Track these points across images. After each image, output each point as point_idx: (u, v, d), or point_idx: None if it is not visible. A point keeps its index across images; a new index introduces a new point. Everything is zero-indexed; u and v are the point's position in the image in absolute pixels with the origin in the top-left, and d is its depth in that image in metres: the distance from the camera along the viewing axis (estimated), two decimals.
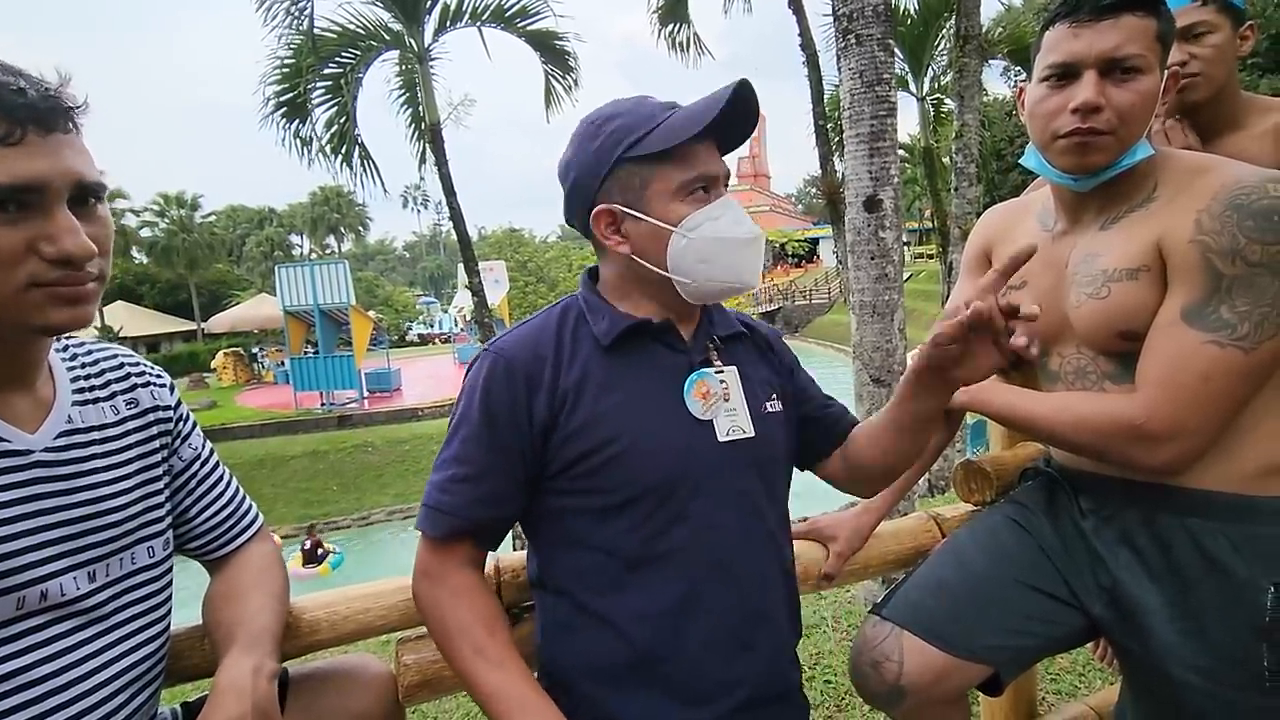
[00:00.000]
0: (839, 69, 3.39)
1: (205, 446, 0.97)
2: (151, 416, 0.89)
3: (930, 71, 11.91)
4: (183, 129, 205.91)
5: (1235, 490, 0.96)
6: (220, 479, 0.98)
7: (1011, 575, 1.13)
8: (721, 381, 0.95)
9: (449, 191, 8.91)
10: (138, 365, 0.92)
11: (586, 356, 0.91)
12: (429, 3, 8.78)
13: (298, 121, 8.72)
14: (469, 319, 20.75)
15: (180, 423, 0.94)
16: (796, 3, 8.06)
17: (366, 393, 18.10)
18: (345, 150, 8.95)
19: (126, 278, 34.66)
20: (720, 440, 0.92)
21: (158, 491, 0.87)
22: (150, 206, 35.43)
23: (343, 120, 8.86)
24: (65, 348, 0.86)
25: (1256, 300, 0.89)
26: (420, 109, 9.37)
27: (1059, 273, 1.10)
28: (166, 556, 0.88)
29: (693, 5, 9.75)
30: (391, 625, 1.04)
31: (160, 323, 32.41)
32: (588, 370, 0.90)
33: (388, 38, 8.88)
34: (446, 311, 33.41)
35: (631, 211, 0.91)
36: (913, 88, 12.03)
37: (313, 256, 47.38)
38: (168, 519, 0.89)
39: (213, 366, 24.49)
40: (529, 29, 9.27)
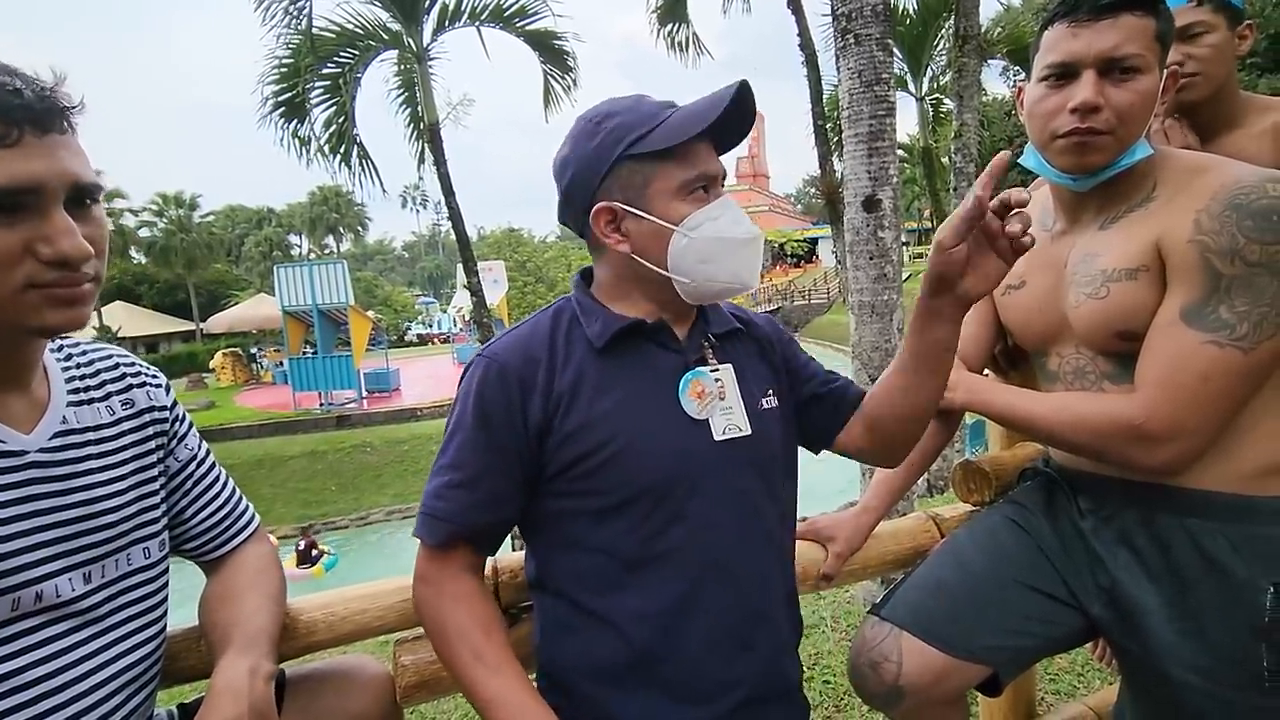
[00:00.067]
0: (838, 69, 3.39)
1: (201, 447, 0.97)
2: (147, 417, 0.89)
3: (929, 71, 11.94)
4: (181, 129, 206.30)
5: (1234, 490, 0.96)
6: (216, 480, 0.97)
7: (1010, 575, 1.13)
8: (717, 380, 0.95)
9: (448, 191, 8.92)
10: (133, 366, 0.92)
11: (580, 359, 0.91)
12: (427, 2, 8.79)
13: (296, 121, 8.73)
14: (468, 319, 20.74)
15: (176, 423, 0.93)
16: (795, 3, 8.07)
17: (365, 393, 18.09)
18: (344, 150, 8.95)
19: (125, 278, 34.59)
20: (716, 439, 0.92)
21: (153, 492, 0.87)
22: (149, 206, 35.39)
23: (341, 120, 8.86)
24: (60, 348, 0.86)
25: (1255, 300, 0.89)
26: (419, 109, 9.38)
27: (1058, 273, 1.10)
28: (162, 558, 0.87)
29: (692, 5, 9.77)
30: (389, 626, 1.04)
31: (159, 323, 32.37)
32: (582, 373, 0.90)
33: (386, 37, 8.89)
34: (445, 311, 33.41)
35: (632, 209, 0.90)
36: (912, 88, 12.05)
37: (311, 256, 47.34)
38: (163, 520, 0.89)
39: (211, 367, 24.46)
40: (528, 29, 9.28)
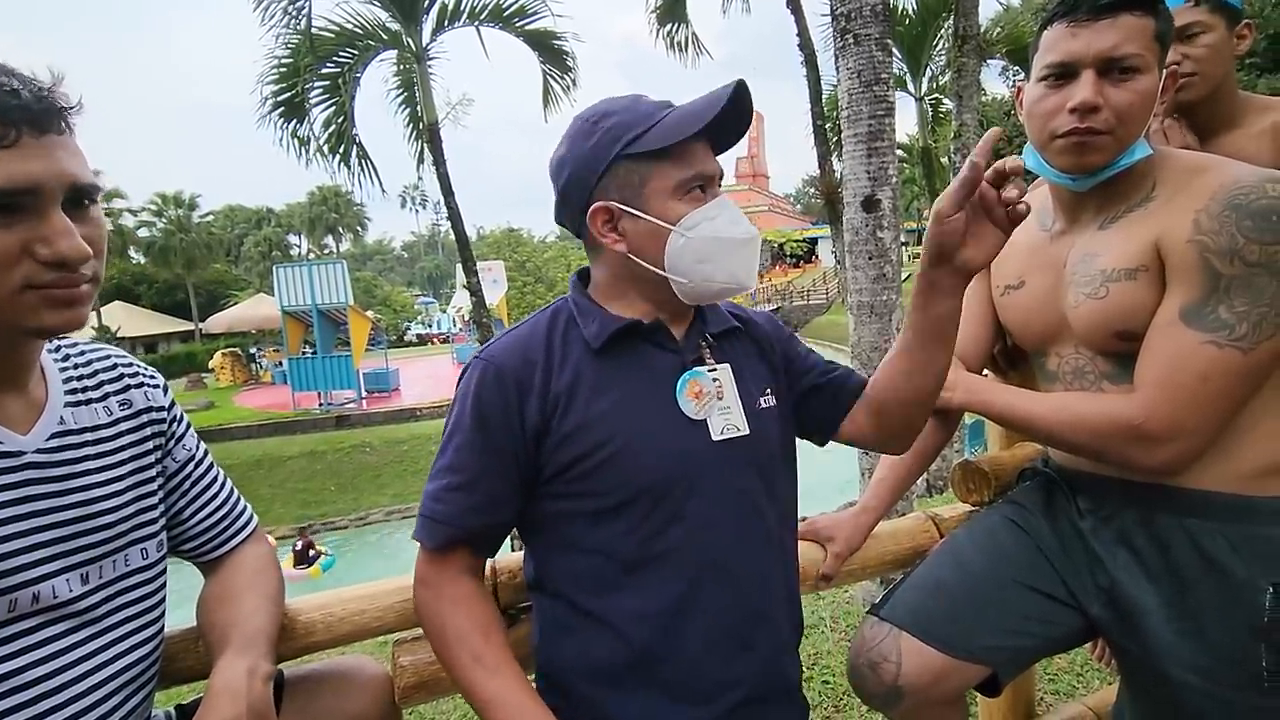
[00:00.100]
0: (837, 69, 3.39)
1: (199, 448, 0.97)
2: (145, 418, 0.89)
3: (928, 71, 11.94)
4: (180, 129, 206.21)
5: (1234, 490, 0.96)
6: (214, 480, 0.97)
7: (1009, 575, 1.13)
8: (714, 380, 0.95)
9: (447, 191, 8.92)
10: (131, 366, 0.91)
11: (577, 360, 0.91)
12: (427, 2, 8.79)
13: (295, 121, 8.73)
14: (467, 319, 20.74)
15: (174, 424, 0.93)
16: (795, 2, 8.07)
17: (364, 393, 18.08)
18: (343, 150, 8.95)
19: (124, 278, 34.55)
20: (714, 439, 0.92)
21: (151, 493, 0.87)
22: (148, 206, 35.28)
23: (341, 120, 8.86)
24: (58, 348, 0.86)
25: (1255, 300, 0.89)
26: (418, 109, 9.38)
27: (1057, 273, 1.10)
28: (160, 558, 0.87)
29: (691, 5, 9.77)
30: (388, 626, 1.04)
31: (158, 323, 32.35)
32: (579, 374, 0.90)
33: (385, 37, 8.89)
34: (445, 311, 33.39)
35: (629, 209, 0.90)
36: (911, 88, 12.05)
37: (311, 256, 47.29)
38: (161, 520, 0.88)
39: (210, 367, 24.45)
40: (527, 29, 9.28)
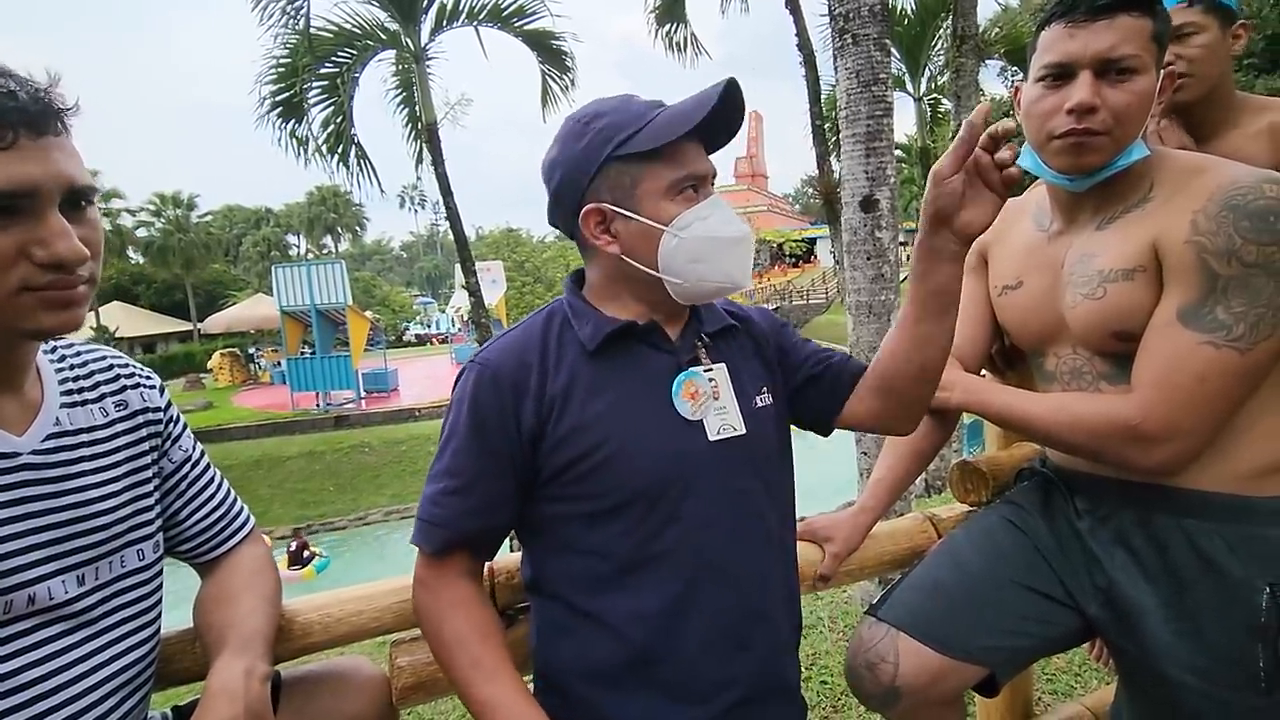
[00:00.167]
0: (835, 69, 3.39)
1: (196, 448, 0.97)
2: (141, 419, 0.88)
3: (927, 71, 11.93)
4: (179, 129, 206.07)
5: (1231, 491, 0.96)
6: (211, 481, 0.97)
7: (1007, 576, 1.13)
8: (710, 380, 0.94)
9: (446, 191, 8.92)
10: (127, 367, 0.91)
11: (573, 362, 0.91)
12: (425, 2, 8.78)
13: (294, 121, 8.74)
14: (466, 319, 20.73)
15: (170, 424, 0.93)
16: (793, 3, 8.07)
17: (363, 393, 18.07)
18: (342, 150, 8.95)
19: (122, 278, 34.47)
20: (711, 440, 0.91)
21: (147, 494, 0.87)
22: (146, 206, 35.18)
23: (339, 120, 8.86)
24: (54, 349, 0.85)
25: (1252, 301, 0.89)
26: (417, 109, 9.39)
27: (1055, 273, 1.10)
28: (156, 559, 0.87)
29: (690, 5, 9.78)
30: (385, 627, 1.04)
31: (156, 323, 32.30)
32: (574, 376, 0.90)
33: (384, 37, 8.89)
34: (444, 312, 33.37)
35: (621, 210, 0.90)
36: (909, 88, 12.05)
37: (309, 256, 47.23)
38: (157, 521, 0.88)
39: (209, 367, 24.42)
40: (526, 29, 9.29)
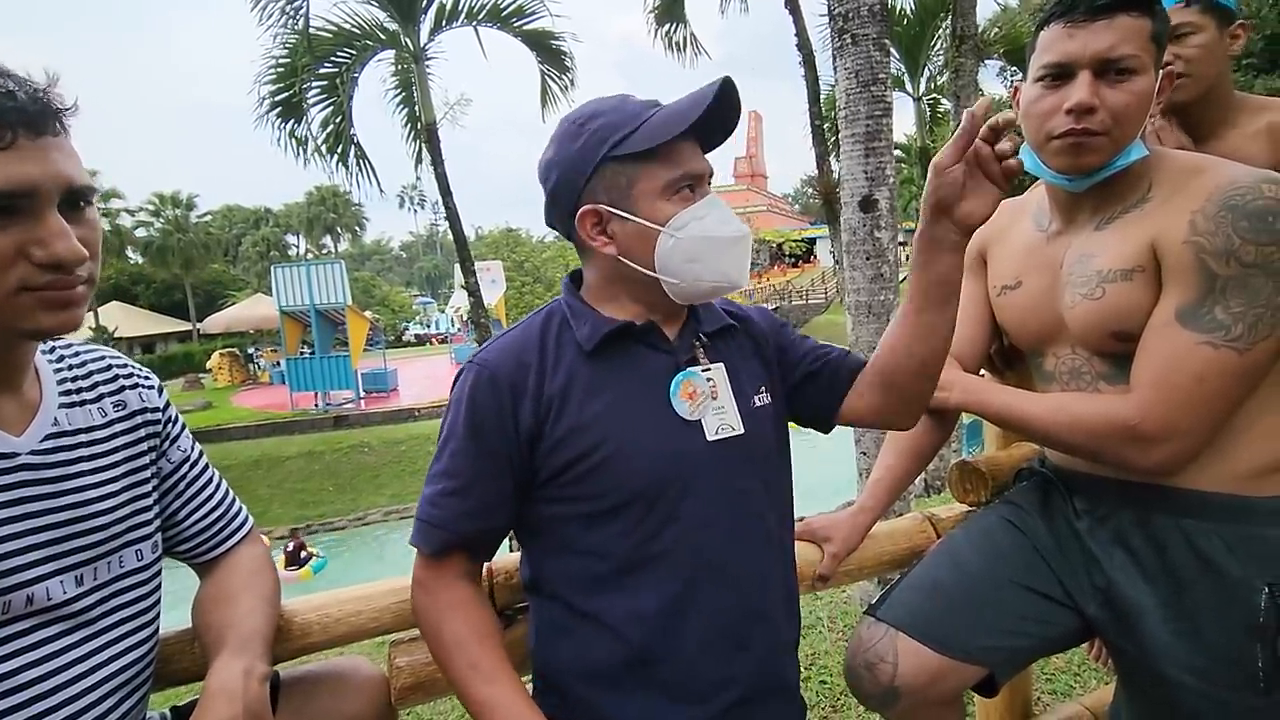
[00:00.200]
0: (835, 69, 3.39)
1: (194, 449, 0.96)
2: (139, 419, 0.88)
3: (926, 71, 11.94)
4: (179, 129, 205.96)
5: (1230, 491, 0.96)
6: (209, 481, 0.97)
7: (1006, 576, 1.13)
8: (708, 380, 0.94)
9: (445, 191, 8.91)
10: (125, 367, 0.91)
11: (570, 362, 0.90)
12: (425, 2, 8.78)
13: (293, 121, 8.73)
14: (466, 319, 20.73)
15: (168, 425, 0.93)
16: (793, 2, 8.08)
17: (363, 393, 18.06)
18: (341, 150, 8.94)
19: (121, 278, 34.44)
20: (709, 440, 0.91)
21: (146, 494, 0.87)
22: (145, 206, 35.16)
23: (338, 120, 8.85)
24: (52, 349, 0.85)
25: (1251, 301, 0.89)
26: (416, 109, 9.38)
27: (1054, 273, 1.10)
28: (155, 560, 0.87)
29: (689, 5, 9.79)
30: (384, 627, 1.04)
31: (155, 323, 32.28)
32: (572, 376, 0.89)
33: (383, 37, 8.88)
34: (443, 312, 33.35)
35: (618, 211, 0.89)
36: (909, 88, 12.06)
37: (309, 256, 47.20)
38: (156, 522, 0.88)
39: (208, 367, 24.41)
40: (525, 29, 9.28)
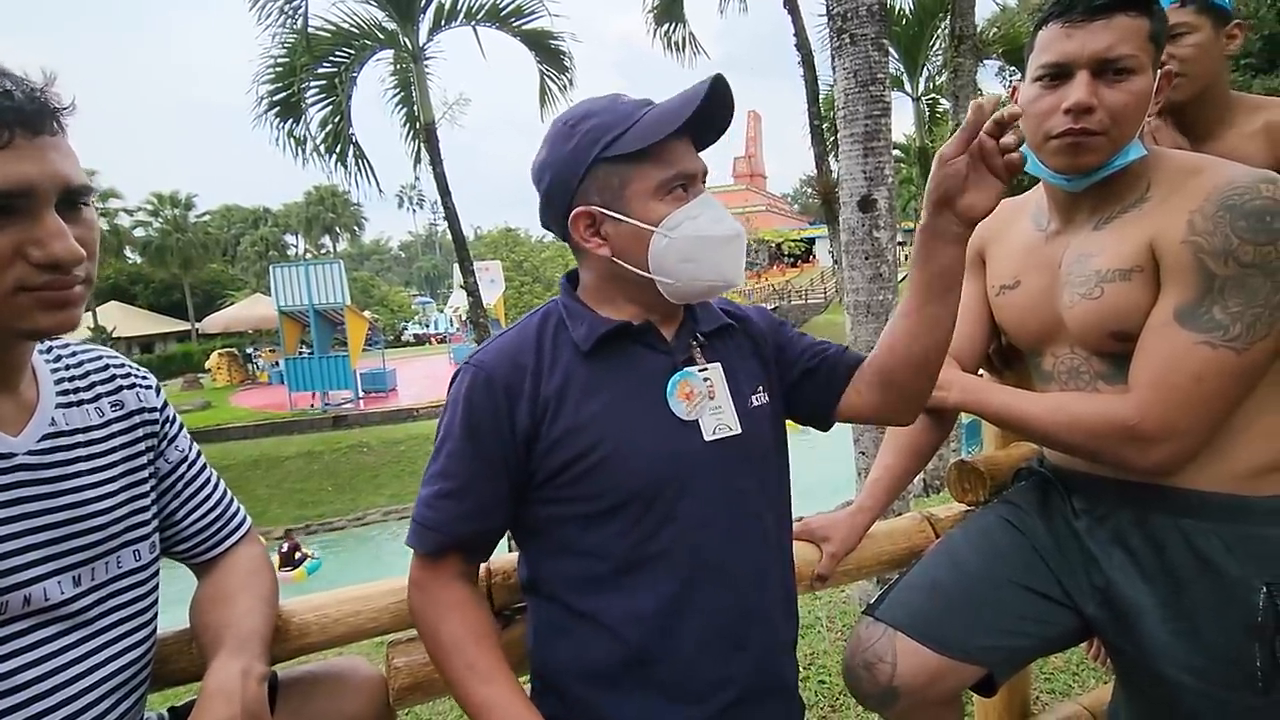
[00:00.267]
0: (833, 69, 3.39)
1: (192, 449, 0.96)
2: (137, 419, 0.88)
3: (925, 71, 11.96)
4: (178, 128, 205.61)
5: (1229, 490, 0.97)
6: (207, 481, 0.97)
7: (1005, 575, 1.13)
8: (705, 380, 0.94)
9: (444, 191, 8.91)
10: (123, 367, 0.91)
11: (567, 363, 0.90)
12: (423, 2, 8.77)
13: (292, 121, 8.72)
14: (465, 319, 20.73)
15: (166, 425, 0.93)
16: (791, 2, 8.08)
17: (362, 393, 18.06)
18: (340, 150, 8.94)
19: (120, 278, 34.42)
20: (707, 440, 0.91)
21: (143, 495, 0.87)
22: (144, 206, 35.14)
23: (337, 120, 8.84)
24: (49, 349, 0.85)
25: (1249, 301, 0.89)
26: (415, 108, 9.37)
27: (1052, 273, 1.10)
28: (153, 560, 0.87)
29: (688, 5, 9.79)
30: (382, 628, 1.04)
31: (154, 323, 32.26)
32: (569, 377, 0.89)
33: (382, 37, 8.87)
34: (442, 311, 33.37)
35: (610, 212, 0.89)
36: (908, 87, 12.07)
37: (308, 256, 47.16)
38: (154, 522, 0.88)
39: (207, 367, 24.40)
40: (524, 28, 9.28)
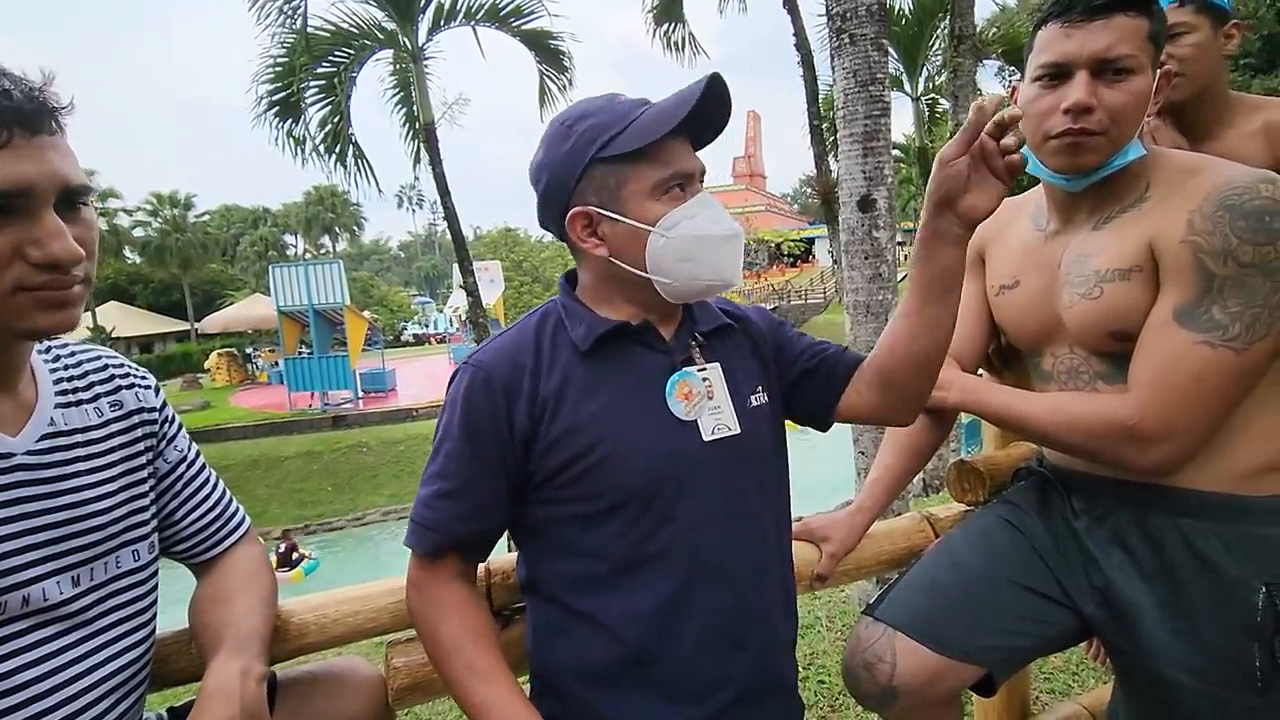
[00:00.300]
0: (833, 69, 3.39)
1: (191, 449, 0.96)
2: (136, 419, 0.88)
3: (925, 71, 11.98)
4: (178, 128, 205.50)
5: (1228, 490, 0.97)
6: (206, 481, 0.96)
7: (1004, 575, 1.13)
8: (704, 380, 0.94)
9: (443, 191, 8.91)
10: (122, 367, 0.91)
11: (566, 363, 0.90)
12: (423, 2, 8.77)
13: (291, 121, 8.72)
14: (464, 319, 20.74)
15: (165, 425, 0.92)
16: (791, 2, 8.09)
17: (361, 393, 18.06)
18: (339, 150, 8.94)
19: (119, 278, 34.42)
20: (706, 440, 0.91)
21: (142, 495, 0.86)
22: (143, 206, 35.15)
23: (336, 119, 8.84)
24: (48, 349, 0.85)
25: (1248, 301, 0.89)
26: (414, 108, 9.37)
27: (1052, 273, 1.10)
28: (152, 560, 0.87)
29: (688, 5, 9.79)
30: (381, 628, 1.04)
31: (153, 323, 32.26)
32: (568, 377, 0.89)
33: (381, 37, 8.87)
34: (441, 311, 33.38)
35: (607, 213, 0.89)
36: (907, 88, 12.09)
37: (307, 256, 47.15)
38: (153, 522, 0.88)
39: (206, 367, 24.40)
40: (523, 28, 9.28)
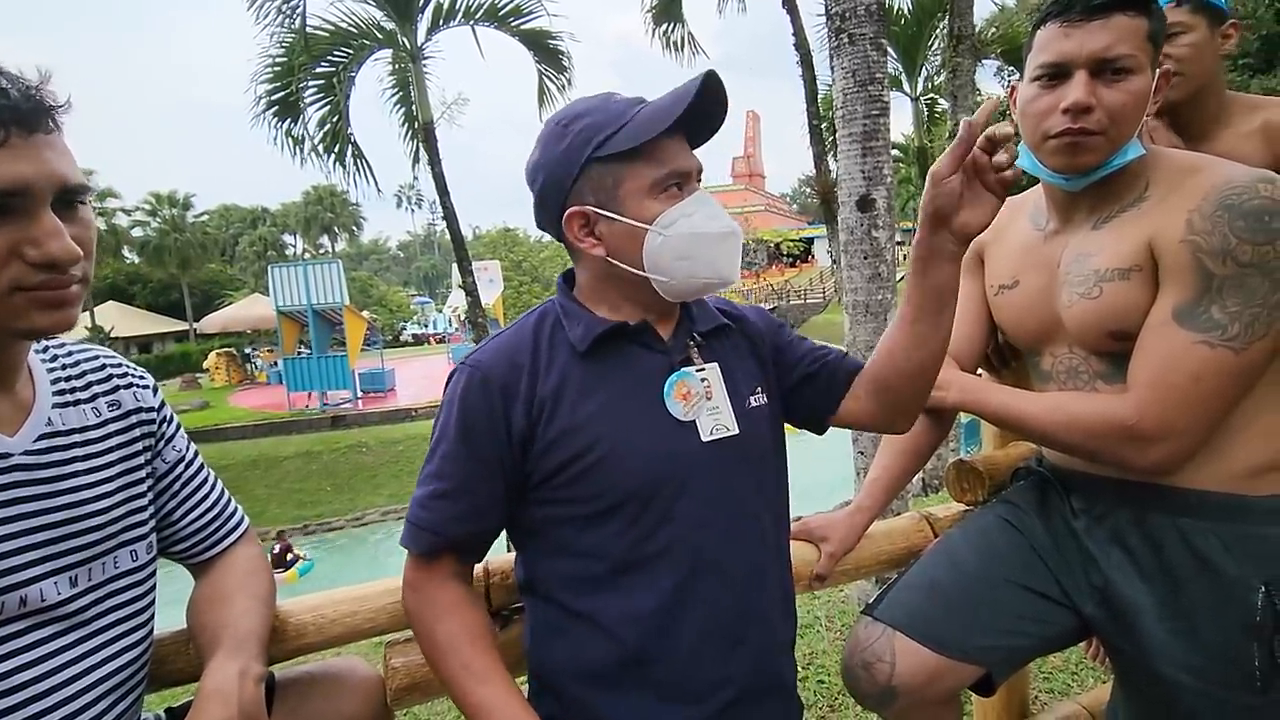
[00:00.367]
0: (832, 69, 3.39)
1: (189, 449, 0.96)
2: (134, 419, 0.88)
3: (924, 71, 11.99)
4: (176, 128, 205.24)
5: (1227, 490, 0.97)
6: (205, 481, 0.96)
7: (1003, 575, 1.13)
8: (703, 380, 0.94)
9: (442, 191, 8.90)
10: (120, 366, 0.91)
11: (564, 363, 0.90)
12: (422, 2, 8.77)
13: (290, 120, 8.71)
14: (463, 319, 20.74)
15: (163, 424, 0.92)
16: (790, 2, 8.09)
17: (360, 393, 18.05)
18: (338, 149, 8.93)
19: (118, 277, 34.43)
20: (704, 440, 0.91)
21: (140, 495, 0.86)
22: (142, 206, 35.16)
23: (335, 119, 8.83)
24: (45, 349, 0.85)
25: (1247, 300, 0.89)
26: (413, 108, 9.37)
27: (1051, 272, 1.10)
28: (150, 560, 0.86)
29: (687, 5, 9.80)
30: (380, 628, 1.03)
31: (152, 323, 32.26)
32: (565, 377, 0.89)
33: (380, 36, 8.87)
34: (441, 311, 33.38)
35: (604, 212, 0.89)
36: (906, 87, 12.10)
37: (306, 256, 47.15)
38: (151, 522, 0.88)
39: (205, 367, 24.39)
40: (522, 28, 9.28)
